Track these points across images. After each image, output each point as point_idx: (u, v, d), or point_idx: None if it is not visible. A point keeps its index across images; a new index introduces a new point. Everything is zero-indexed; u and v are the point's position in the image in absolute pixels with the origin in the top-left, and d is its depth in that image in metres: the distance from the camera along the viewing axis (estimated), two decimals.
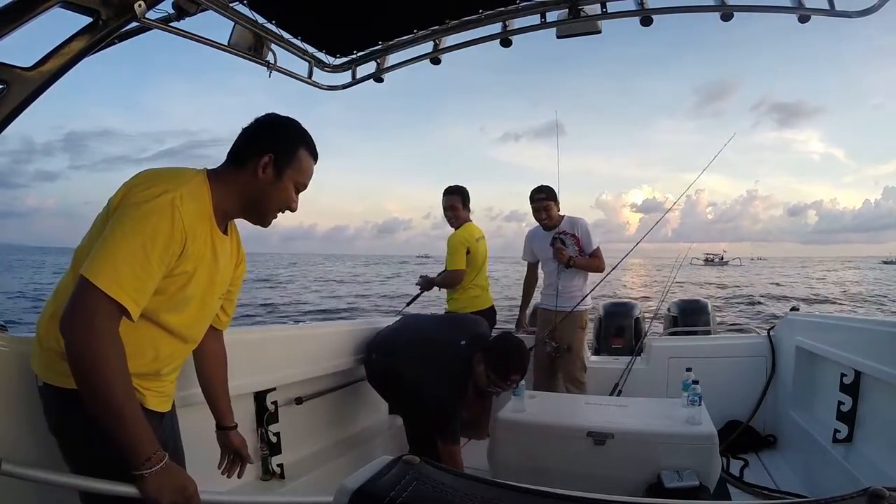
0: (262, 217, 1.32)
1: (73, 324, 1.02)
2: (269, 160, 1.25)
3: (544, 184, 3.48)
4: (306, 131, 1.33)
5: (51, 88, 1.29)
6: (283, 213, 1.34)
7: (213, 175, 1.26)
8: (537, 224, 3.50)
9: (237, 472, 1.58)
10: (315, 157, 1.35)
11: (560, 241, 3.37)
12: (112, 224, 1.08)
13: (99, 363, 1.01)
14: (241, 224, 1.41)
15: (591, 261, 3.40)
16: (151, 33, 1.74)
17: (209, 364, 1.49)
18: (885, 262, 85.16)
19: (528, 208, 3.44)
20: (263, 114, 1.32)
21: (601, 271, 3.46)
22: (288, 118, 1.32)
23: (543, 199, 3.40)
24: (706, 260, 68.64)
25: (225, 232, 1.31)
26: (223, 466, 1.56)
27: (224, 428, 1.55)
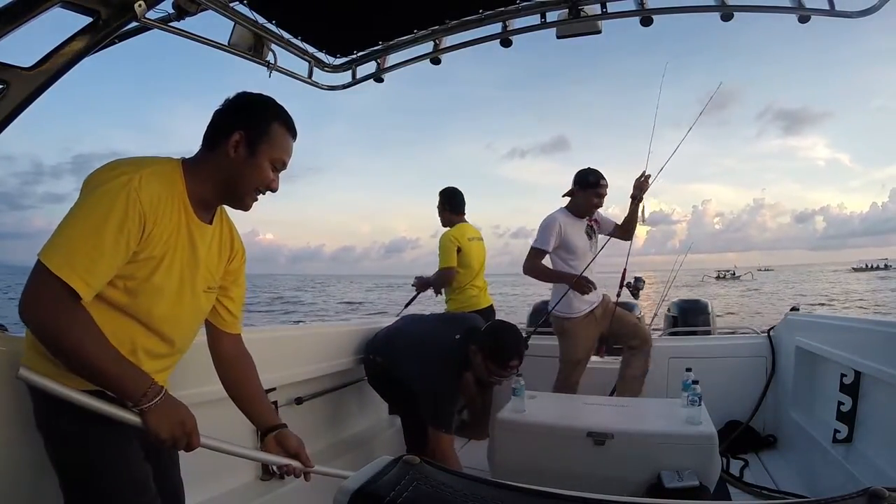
0: (239, 200, 1.28)
1: (26, 305, 1.02)
2: (241, 138, 1.21)
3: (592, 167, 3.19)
4: (281, 107, 1.27)
5: (59, 109, 1.32)
6: (262, 193, 1.28)
7: (187, 162, 1.23)
8: (560, 209, 3.17)
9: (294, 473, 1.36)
10: (292, 132, 1.29)
11: (591, 230, 3.18)
12: (71, 208, 1.07)
13: (63, 335, 1.02)
14: (250, 249, 1.37)
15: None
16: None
17: (232, 367, 1.41)
18: (855, 269, 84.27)
19: (535, 224, 3.19)
20: (235, 93, 1.26)
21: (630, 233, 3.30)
22: (260, 94, 1.27)
23: (606, 185, 3.13)
24: (718, 276, 68.24)
25: (209, 221, 1.28)
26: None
27: (273, 428, 1.37)
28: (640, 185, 3.10)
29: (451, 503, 0.60)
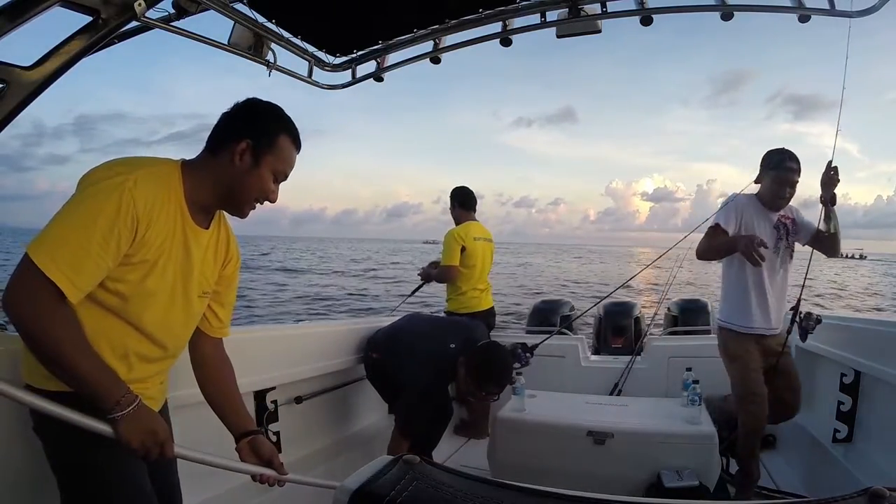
0: (238, 207, 1.27)
1: (8, 296, 1.01)
2: (247, 146, 1.19)
3: (784, 147, 2.42)
4: (289, 118, 1.27)
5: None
6: (261, 203, 1.27)
7: (187, 165, 1.21)
8: (749, 194, 2.49)
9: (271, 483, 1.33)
10: (297, 145, 1.28)
11: (785, 228, 2.44)
12: (63, 205, 1.06)
13: (42, 332, 1.01)
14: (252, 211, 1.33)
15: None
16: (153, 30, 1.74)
17: (210, 370, 1.39)
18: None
19: (538, 194, 2.81)
20: (244, 98, 1.25)
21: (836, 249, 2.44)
22: (270, 103, 1.26)
23: (796, 170, 2.37)
24: None
25: (206, 226, 1.26)
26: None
27: (248, 433, 1.35)
28: (829, 181, 2.33)
29: (451, 502, 0.60)
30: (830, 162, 2.33)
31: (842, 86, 2.31)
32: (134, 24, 1.50)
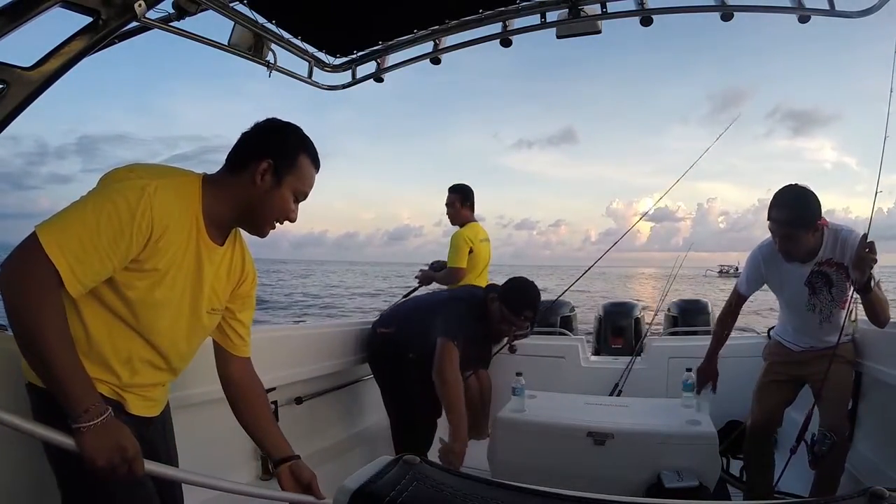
0: (258, 226, 1.26)
1: (6, 272, 0.99)
2: (269, 166, 1.19)
3: (795, 185, 2.01)
4: (308, 138, 1.27)
5: (65, 92, 1.32)
6: (280, 223, 1.27)
7: (207, 180, 1.21)
8: (771, 242, 2.15)
9: None
10: (317, 165, 1.28)
11: (824, 279, 2.06)
12: (81, 196, 1.07)
13: (30, 316, 0.98)
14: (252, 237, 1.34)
15: (875, 304, 1.93)
16: (154, 36, 1.75)
17: (243, 392, 1.37)
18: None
19: (540, 216, 2.85)
20: (264, 118, 1.26)
21: (883, 324, 1.98)
22: (289, 123, 1.26)
23: (783, 222, 1.98)
24: (720, 272, 67.72)
25: (221, 243, 1.25)
26: None
27: (287, 459, 1.34)
28: (861, 263, 1.84)
29: (451, 503, 0.60)
30: (865, 236, 1.86)
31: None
32: (134, 24, 1.51)
